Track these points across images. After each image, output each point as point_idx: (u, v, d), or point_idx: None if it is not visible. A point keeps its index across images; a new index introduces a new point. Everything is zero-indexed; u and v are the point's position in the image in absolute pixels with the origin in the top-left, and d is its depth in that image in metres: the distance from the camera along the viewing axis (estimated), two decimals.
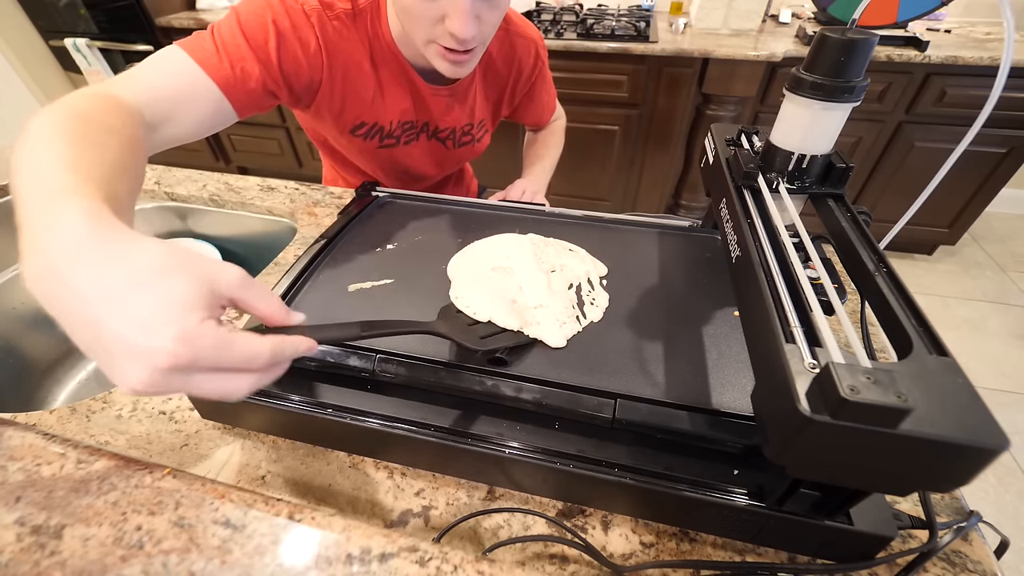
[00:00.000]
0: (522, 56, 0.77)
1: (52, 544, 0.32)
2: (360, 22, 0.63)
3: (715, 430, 0.38)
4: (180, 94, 0.50)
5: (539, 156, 0.97)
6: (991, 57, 1.48)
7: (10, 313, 0.73)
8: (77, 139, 0.32)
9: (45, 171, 0.29)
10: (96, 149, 0.33)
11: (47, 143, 0.31)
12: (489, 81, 0.79)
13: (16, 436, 0.39)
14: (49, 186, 0.28)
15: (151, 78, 0.49)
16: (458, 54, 0.58)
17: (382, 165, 0.81)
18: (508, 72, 0.78)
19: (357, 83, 0.67)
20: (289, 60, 0.58)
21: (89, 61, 2.17)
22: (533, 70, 0.80)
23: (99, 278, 0.25)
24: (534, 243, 0.56)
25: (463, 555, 0.32)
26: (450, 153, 0.83)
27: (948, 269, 2.00)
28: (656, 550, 0.40)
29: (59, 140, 0.32)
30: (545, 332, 0.44)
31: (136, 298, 0.25)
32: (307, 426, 0.45)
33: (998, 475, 1.31)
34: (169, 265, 0.26)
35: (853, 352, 0.27)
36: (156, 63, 0.51)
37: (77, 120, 0.35)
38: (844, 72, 0.36)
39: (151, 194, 0.88)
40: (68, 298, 0.25)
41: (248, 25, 0.55)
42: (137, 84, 0.47)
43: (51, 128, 0.33)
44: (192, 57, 0.52)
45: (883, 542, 0.35)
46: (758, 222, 0.40)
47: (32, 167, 0.30)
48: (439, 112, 0.75)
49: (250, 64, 0.55)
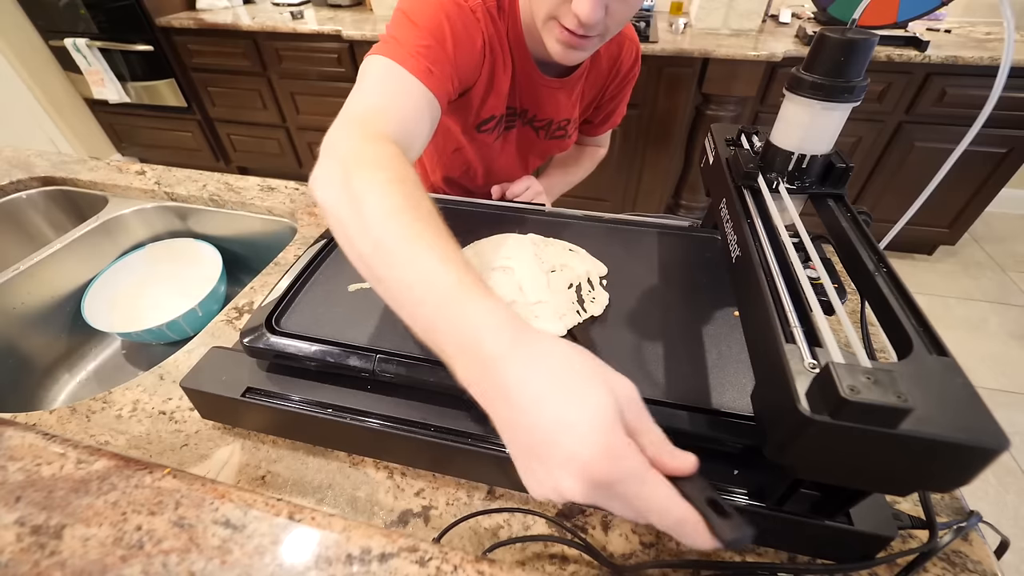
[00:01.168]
0: (624, 57, 0.76)
1: (52, 544, 0.32)
2: (502, 14, 0.63)
3: (715, 430, 0.38)
4: (417, 111, 0.49)
5: (564, 171, 0.95)
6: (991, 57, 1.48)
7: (10, 313, 0.73)
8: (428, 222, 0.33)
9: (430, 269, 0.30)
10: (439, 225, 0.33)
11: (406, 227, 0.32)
12: (591, 80, 0.77)
13: (16, 436, 0.39)
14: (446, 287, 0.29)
15: (390, 103, 0.47)
16: (575, 38, 0.55)
17: (486, 157, 0.79)
18: (609, 72, 0.77)
19: (501, 79, 0.66)
20: (464, 60, 0.57)
21: (89, 61, 2.17)
22: (629, 73, 0.79)
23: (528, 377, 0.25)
24: (534, 243, 0.56)
25: (463, 555, 0.32)
26: (539, 143, 0.81)
27: (948, 269, 2.00)
28: (656, 550, 0.40)
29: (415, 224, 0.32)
30: (544, 324, 0.44)
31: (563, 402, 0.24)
32: (307, 426, 0.45)
33: (998, 475, 1.31)
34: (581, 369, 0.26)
35: (853, 352, 0.27)
36: (379, 84, 0.49)
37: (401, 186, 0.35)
38: (844, 72, 0.36)
39: (151, 194, 0.88)
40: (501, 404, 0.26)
41: (428, 26, 0.53)
42: (384, 115, 0.45)
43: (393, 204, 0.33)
44: (404, 67, 0.49)
45: (883, 542, 0.35)
46: (758, 222, 0.40)
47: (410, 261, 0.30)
48: (544, 102, 0.73)
49: (445, 65, 0.53)
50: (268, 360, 0.46)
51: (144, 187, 0.88)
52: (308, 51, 1.95)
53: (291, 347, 0.44)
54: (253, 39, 1.99)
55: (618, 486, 0.24)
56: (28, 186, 0.91)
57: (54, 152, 1.00)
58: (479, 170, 0.82)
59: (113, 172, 0.92)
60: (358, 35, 1.82)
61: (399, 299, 0.31)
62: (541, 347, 0.26)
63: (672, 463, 0.25)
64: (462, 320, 0.28)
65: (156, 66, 2.16)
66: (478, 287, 0.29)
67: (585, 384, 0.25)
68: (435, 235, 0.32)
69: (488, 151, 0.78)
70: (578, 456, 0.23)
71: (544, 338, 0.27)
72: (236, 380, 0.45)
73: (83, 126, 2.54)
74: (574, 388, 0.25)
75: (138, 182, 0.89)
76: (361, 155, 0.37)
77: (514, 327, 0.27)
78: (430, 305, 0.29)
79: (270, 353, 0.45)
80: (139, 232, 0.88)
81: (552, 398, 0.25)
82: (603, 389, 0.25)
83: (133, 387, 0.53)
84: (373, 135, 0.41)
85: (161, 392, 0.53)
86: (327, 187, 0.36)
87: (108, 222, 0.84)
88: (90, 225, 0.82)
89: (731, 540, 0.23)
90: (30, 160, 0.95)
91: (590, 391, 0.25)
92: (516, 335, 0.27)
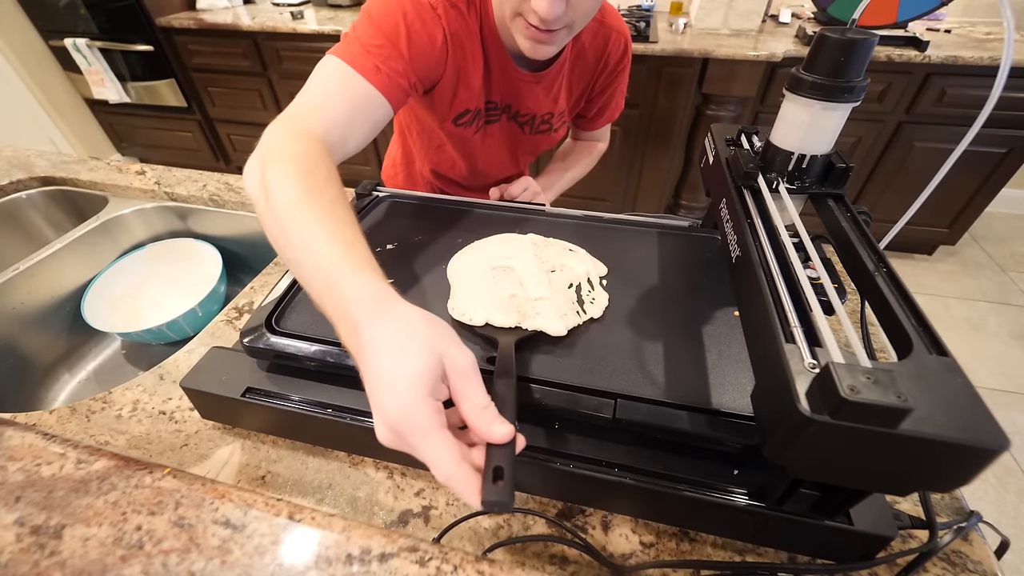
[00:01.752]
0: (612, 49, 0.76)
1: (52, 544, 0.32)
2: (472, 8, 0.63)
3: (715, 430, 0.38)
4: (354, 110, 0.52)
5: (565, 167, 0.94)
6: (991, 57, 1.48)
7: (10, 313, 0.73)
8: (324, 207, 0.37)
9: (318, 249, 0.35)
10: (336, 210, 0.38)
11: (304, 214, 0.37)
12: (578, 73, 0.77)
13: (16, 436, 0.39)
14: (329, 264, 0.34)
15: (326, 102, 0.50)
16: (540, 33, 0.56)
17: (468, 153, 0.81)
18: (596, 64, 0.77)
19: (471, 72, 0.66)
20: (420, 55, 0.58)
21: (89, 61, 2.17)
22: (618, 64, 0.78)
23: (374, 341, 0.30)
24: (534, 243, 0.56)
25: (463, 555, 0.32)
26: (525, 138, 0.82)
27: (948, 269, 2.00)
28: (656, 550, 0.40)
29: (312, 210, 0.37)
30: (545, 322, 0.44)
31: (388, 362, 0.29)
32: (307, 426, 0.45)
33: (998, 475, 1.31)
34: (414, 336, 0.30)
35: (853, 352, 0.27)
36: (324, 82, 0.52)
37: (307, 177, 0.39)
38: (844, 72, 0.36)
39: (151, 194, 0.88)
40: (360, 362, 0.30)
41: (383, 25, 0.55)
42: (317, 114, 0.49)
43: (296, 193, 0.38)
44: (351, 66, 0.52)
45: (883, 542, 0.35)
46: (758, 222, 0.40)
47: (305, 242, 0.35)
48: (524, 96, 0.74)
49: (396, 62, 0.55)
50: (268, 360, 0.46)
51: (144, 187, 0.88)
52: (308, 51, 1.95)
53: (291, 347, 0.44)
54: (253, 39, 1.99)
55: (408, 437, 0.28)
56: (28, 186, 0.91)
57: (54, 152, 1.00)
58: (462, 164, 0.83)
59: (113, 172, 0.92)
60: None
61: (299, 275, 0.37)
62: (395, 316, 0.31)
63: (485, 430, 0.29)
64: (339, 291, 0.32)
65: (156, 66, 2.16)
66: (357, 264, 0.34)
67: (411, 349, 0.29)
68: (329, 220, 0.36)
69: (468, 145, 0.78)
70: (384, 408, 0.28)
71: (401, 309, 0.31)
72: (236, 380, 0.45)
73: (83, 126, 2.54)
74: (402, 352, 0.29)
75: (138, 182, 0.89)
76: (280, 151, 0.42)
77: (378, 299, 0.31)
78: (318, 280, 0.34)
79: (270, 353, 0.45)
80: (139, 232, 0.88)
81: (385, 359, 0.29)
82: (426, 356, 0.29)
83: (133, 387, 0.53)
84: (297, 132, 0.45)
85: (161, 392, 0.53)
86: (249, 179, 0.43)
87: (108, 222, 0.84)
88: (90, 225, 0.82)
89: (486, 502, 0.27)
90: (30, 160, 0.95)
91: (412, 356, 0.29)
92: (378, 305, 0.31)
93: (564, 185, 0.95)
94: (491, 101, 0.73)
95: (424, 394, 0.28)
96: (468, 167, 0.84)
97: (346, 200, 0.39)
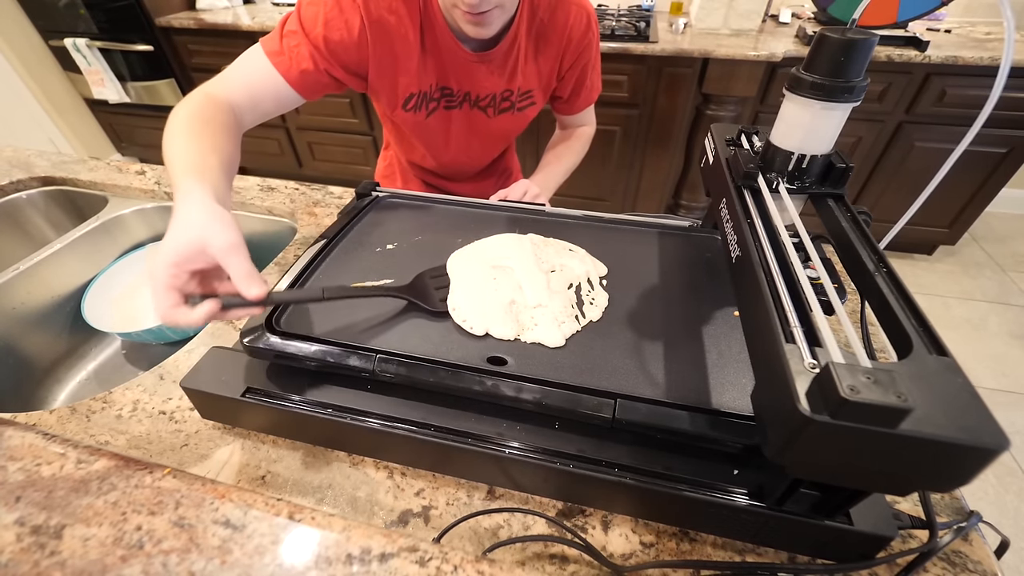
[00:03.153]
0: (573, 24, 0.76)
1: (52, 544, 0.32)
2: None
3: (715, 430, 0.38)
4: (255, 88, 0.63)
5: (557, 158, 0.94)
6: (991, 57, 1.48)
7: (10, 313, 0.73)
8: (193, 135, 0.51)
9: (176, 162, 0.47)
10: (201, 139, 0.51)
11: (176, 138, 0.50)
12: (541, 49, 0.77)
13: (16, 436, 0.39)
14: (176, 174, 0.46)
15: (235, 77, 0.63)
16: (474, 16, 0.60)
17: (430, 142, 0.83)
18: (560, 40, 0.77)
19: (403, 56, 0.69)
20: (336, 43, 0.64)
21: (89, 61, 2.17)
22: (583, 39, 0.78)
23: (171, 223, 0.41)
24: (534, 243, 0.56)
25: (463, 555, 0.32)
26: (491, 122, 0.82)
27: (948, 269, 2.00)
28: (656, 550, 0.40)
29: (183, 136, 0.51)
30: (543, 334, 0.44)
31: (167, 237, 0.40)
32: (307, 426, 0.45)
33: (998, 475, 1.31)
34: (184, 223, 0.40)
35: (853, 352, 0.27)
36: (241, 62, 0.64)
37: (192, 118, 0.54)
38: (844, 72, 0.36)
39: (151, 194, 0.88)
40: None
41: (304, 15, 0.64)
42: (227, 83, 0.62)
43: (178, 126, 0.52)
44: (263, 50, 0.63)
45: (883, 542, 0.35)
46: (758, 222, 0.40)
47: (171, 156, 0.48)
48: (478, 78, 0.75)
49: (304, 49, 0.63)
50: (268, 360, 0.46)
51: (144, 187, 0.88)
52: None
53: (291, 347, 0.44)
54: (253, 39, 1.99)
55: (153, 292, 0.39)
56: (28, 186, 0.91)
57: (54, 152, 1.00)
58: (427, 154, 0.86)
59: (113, 172, 0.92)
60: None
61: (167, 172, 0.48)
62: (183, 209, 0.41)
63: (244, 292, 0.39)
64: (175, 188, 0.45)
65: (156, 66, 2.16)
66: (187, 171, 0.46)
67: (179, 229, 0.40)
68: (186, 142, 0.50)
69: (427, 133, 0.80)
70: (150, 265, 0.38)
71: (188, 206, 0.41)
72: (236, 380, 0.45)
73: (83, 126, 2.54)
74: (172, 233, 0.40)
75: (138, 182, 0.89)
76: (186, 103, 0.56)
77: (183, 196, 0.43)
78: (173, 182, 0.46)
79: (270, 353, 0.45)
80: (139, 232, 0.88)
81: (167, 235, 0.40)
82: (188, 234, 0.39)
83: (133, 387, 0.53)
84: (205, 94, 0.58)
85: (161, 392, 0.53)
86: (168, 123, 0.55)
87: (108, 222, 0.84)
88: (90, 225, 0.82)
89: None
90: (30, 160, 0.95)
91: (177, 234, 0.39)
92: (181, 201, 0.42)
93: (561, 176, 0.94)
94: (447, 88, 0.75)
95: (169, 263, 0.38)
96: (434, 157, 0.85)
97: (214, 137, 0.52)
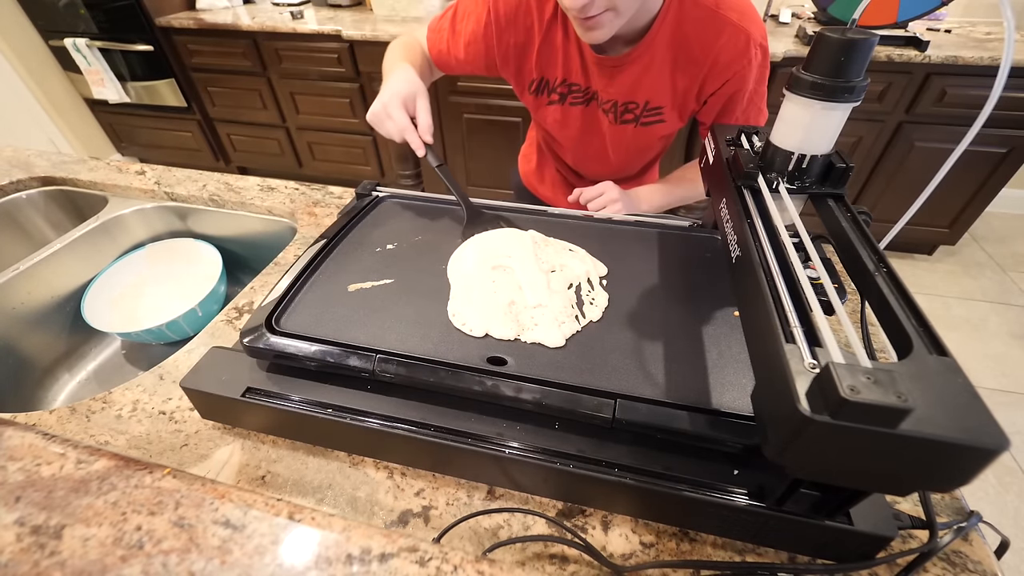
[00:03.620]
0: (724, 45, 0.66)
1: (52, 544, 0.32)
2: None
3: (715, 430, 0.38)
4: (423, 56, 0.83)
5: (678, 179, 0.88)
6: (991, 57, 1.48)
7: (10, 313, 0.73)
8: (406, 51, 0.80)
9: (394, 60, 0.77)
10: (413, 53, 0.80)
11: (393, 52, 0.80)
12: (680, 65, 0.69)
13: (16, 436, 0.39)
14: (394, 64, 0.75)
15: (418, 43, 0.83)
16: (583, 20, 0.60)
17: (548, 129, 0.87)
18: (704, 60, 0.68)
19: (527, 48, 0.76)
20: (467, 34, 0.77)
21: (89, 61, 2.17)
22: (734, 64, 0.67)
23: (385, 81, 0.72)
24: (535, 241, 0.56)
25: (463, 555, 0.32)
26: (613, 128, 0.79)
27: (948, 269, 2.00)
28: (656, 550, 0.40)
29: (398, 52, 0.80)
30: (543, 334, 0.45)
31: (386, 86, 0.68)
32: (307, 426, 0.45)
33: (998, 475, 1.31)
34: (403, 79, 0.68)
35: (853, 352, 0.27)
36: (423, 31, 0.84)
37: (403, 47, 0.82)
38: (844, 72, 0.36)
39: (151, 194, 0.88)
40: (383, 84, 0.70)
41: (457, 8, 0.79)
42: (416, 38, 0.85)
43: (395, 48, 0.82)
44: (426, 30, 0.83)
45: (883, 542, 0.35)
46: (758, 222, 0.40)
47: (390, 61, 0.78)
48: (601, 81, 0.74)
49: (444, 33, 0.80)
50: (268, 360, 0.46)
51: (144, 187, 0.88)
52: (308, 51, 1.95)
53: (291, 347, 0.44)
54: (253, 39, 1.99)
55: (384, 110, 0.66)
56: (28, 186, 0.91)
57: (54, 152, 1.00)
58: (558, 144, 0.91)
59: (113, 172, 0.92)
60: (358, 35, 1.83)
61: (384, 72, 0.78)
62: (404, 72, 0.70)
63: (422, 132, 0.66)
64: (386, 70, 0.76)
65: (156, 66, 2.16)
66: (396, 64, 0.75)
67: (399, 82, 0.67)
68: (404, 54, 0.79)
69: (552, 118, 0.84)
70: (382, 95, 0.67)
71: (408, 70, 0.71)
72: (236, 380, 0.45)
73: (83, 126, 2.54)
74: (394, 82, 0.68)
75: (138, 182, 0.89)
76: (400, 39, 0.85)
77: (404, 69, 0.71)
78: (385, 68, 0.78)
79: (270, 353, 0.45)
80: (139, 232, 0.88)
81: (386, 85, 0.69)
82: (408, 85, 0.67)
83: (133, 387, 0.53)
84: (411, 35, 0.85)
85: (161, 392, 0.53)
86: None
87: (108, 222, 0.84)
88: (90, 225, 0.82)
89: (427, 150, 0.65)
90: (30, 160, 0.95)
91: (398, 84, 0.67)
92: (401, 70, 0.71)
93: (662, 197, 0.87)
94: (574, 84, 0.77)
95: (395, 102, 0.65)
96: (568, 147, 0.90)
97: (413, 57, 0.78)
